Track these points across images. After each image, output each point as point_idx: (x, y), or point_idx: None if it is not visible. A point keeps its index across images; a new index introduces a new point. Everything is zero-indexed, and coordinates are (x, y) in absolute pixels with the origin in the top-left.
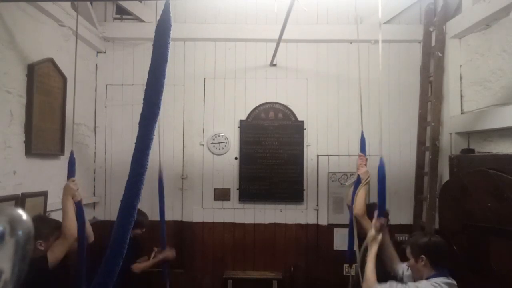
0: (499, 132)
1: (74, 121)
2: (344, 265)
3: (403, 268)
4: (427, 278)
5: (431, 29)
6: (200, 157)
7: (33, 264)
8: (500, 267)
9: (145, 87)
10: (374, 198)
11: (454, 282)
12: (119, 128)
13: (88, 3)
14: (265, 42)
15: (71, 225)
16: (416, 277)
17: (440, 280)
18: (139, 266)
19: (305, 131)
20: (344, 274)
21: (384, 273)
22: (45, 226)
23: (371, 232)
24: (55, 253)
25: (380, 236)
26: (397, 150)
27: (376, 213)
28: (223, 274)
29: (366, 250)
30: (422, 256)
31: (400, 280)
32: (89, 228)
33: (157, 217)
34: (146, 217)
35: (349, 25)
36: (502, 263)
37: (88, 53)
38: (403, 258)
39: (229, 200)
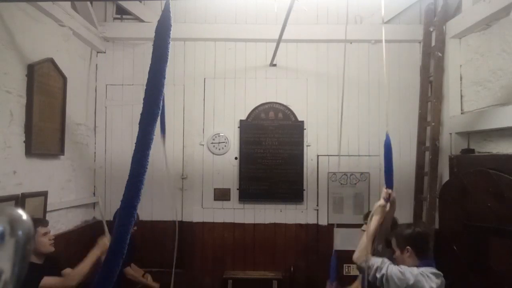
0: (499, 132)
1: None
2: (344, 265)
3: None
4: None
5: (431, 29)
6: (200, 157)
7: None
8: (500, 267)
9: (145, 87)
10: (374, 201)
11: (440, 272)
12: (119, 128)
13: (88, 3)
14: (265, 42)
15: (81, 274)
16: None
17: (427, 270)
18: (130, 272)
19: (305, 131)
20: (344, 274)
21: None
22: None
23: (380, 202)
24: (49, 282)
25: (388, 206)
26: (397, 150)
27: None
28: (223, 274)
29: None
30: (408, 247)
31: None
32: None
33: (158, 217)
34: (137, 215)
35: (349, 25)
36: (502, 263)
37: (88, 53)
38: None
39: (229, 200)
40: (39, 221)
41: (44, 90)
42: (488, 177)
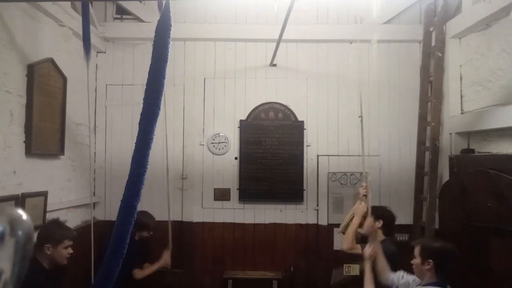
0: (499, 132)
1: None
2: (345, 265)
3: (397, 276)
4: (425, 284)
5: (431, 29)
6: (200, 157)
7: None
8: (500, 267)
9: (145, 87)
10: (374, 201)
11: None
12: (119, 128)
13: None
14: (265, 42)
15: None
16: (417, 277)
17: None
18: (140, 272)
19: (305, 131)
20: (344, 274)
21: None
22: (57, 231)
23: (365, 262)
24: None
25: (371, 260)
26: (397, 150)
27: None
28: (223, 274)
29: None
30: (430, 260)
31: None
32: None
33: (158, 217)
34: (153, 219)
35: (349, 25)
36: (502, 263)
37: None
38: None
39: (229, 200)
40: (69, 231)
41: (44, 90)
42: (488, 177)
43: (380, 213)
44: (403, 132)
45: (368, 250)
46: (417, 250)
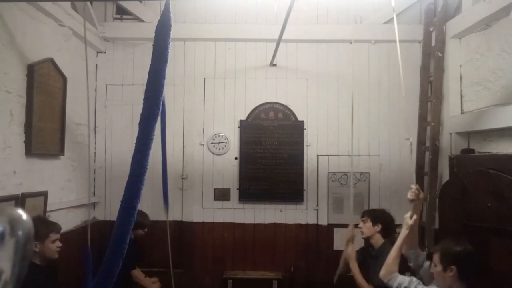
0: (499, 132)
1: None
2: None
3: (423, 256)
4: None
5: (431, 29)
6: (200, 157)
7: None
8: (500, 267)
9: (145, 87)
10: (374, 201)
11: None
12: (119, 128)
13: (88, 3)
14: (265, 42)
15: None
16: (437, 285)
17: None
18: (137, 275)
19: (305, 131)
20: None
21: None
22: (42, 227)
23: (408, 214)
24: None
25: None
26: (397, 150)
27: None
28: (223, 274)
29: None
30: (453, 266)
31: (418, 267)
32: None
33: (158, 217)
34: (147, 217)
35: (349, 25)
36: (502, 263)
37: (88, 53)
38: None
39: (229, 200)
40: (53, 226)
41: (44, 90)
42: (488, 177)
43: (379, 216)
44: (403, 132)
45: (408, 220)
46: (436, 257)
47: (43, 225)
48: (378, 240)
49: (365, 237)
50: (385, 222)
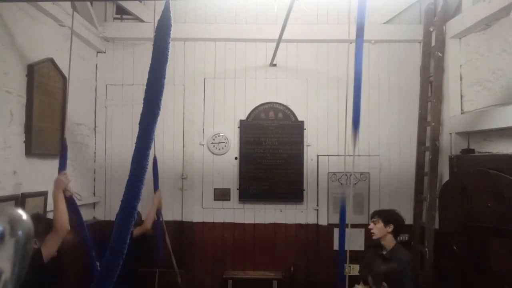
0: (499, 132)
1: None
2: (345, 264)
3: None
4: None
5: (431, 29)
6: (200, 157)
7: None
8: (500, 267)
9: (145, 87)
10: (374, 201)
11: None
12: (119, 128)
13: (88, 3)
14: (265, 42)
15: (62, 218)
16: (378, 238)
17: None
18: (140, 228)
19: (305, 131)
20: (344, 274)
21: None
22: (41, 224)
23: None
24: (48, 247)
25: None
26: (397, 150)
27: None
28: (223, 274)
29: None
30: (391, 224)
31: None
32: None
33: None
34: (140, 215)
35: (349, 25)
36: (502, 263)
37: (88, 53)
38: None
39: (229, 200)
40: (52, 223)
41: (44, 90)
42: (488, 177)
43: (390, 217)
44: (403, 132)
45: None
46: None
47: (41, 223)
48: (390, 241)
49: (377, 238)
50: (396, 222)
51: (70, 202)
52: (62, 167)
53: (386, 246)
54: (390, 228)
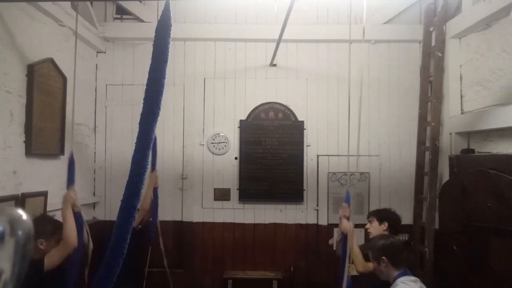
0: (499, 132)
1: (73, 121)
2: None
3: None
4: (394, 279)
5: (431, 29)
6: (200, 157)
7: (29, 266)
8: (500, 267)
9: (145, 87)
10: (374, 201)
11: (417, 278)
12: (119, 128)
13: (88, 3)
14: (265, 42)
15: (72, 234)
16: (382, 278)
17: (406, 279)
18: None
19: (305, 131)
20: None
21: None
22: (49, 225)
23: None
24: (52, 258)
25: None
26: (397, 150)
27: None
28: (223, 274)
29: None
30: (383, 257)
31: None
32: (88, 237)
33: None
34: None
35: (349, 25)
36: (502, 263)
37: (88, 53)
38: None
39: (229, 200)
40: (60, 225)
41: (44, 90)
42: (488, 177)
43: (384, 215)
44: (403, 132)
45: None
46: (370, 256)
47: (49, 224)
48: None
49: (373, 237)
50: (391, 219)
51: (78, 218)
52: (70, 182)
53: None
54: (385, 226)
